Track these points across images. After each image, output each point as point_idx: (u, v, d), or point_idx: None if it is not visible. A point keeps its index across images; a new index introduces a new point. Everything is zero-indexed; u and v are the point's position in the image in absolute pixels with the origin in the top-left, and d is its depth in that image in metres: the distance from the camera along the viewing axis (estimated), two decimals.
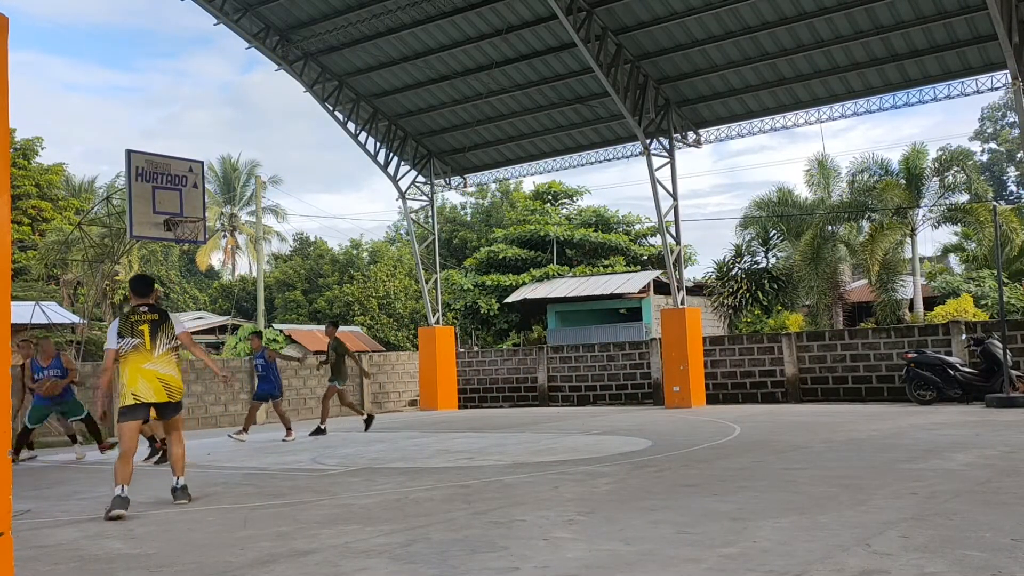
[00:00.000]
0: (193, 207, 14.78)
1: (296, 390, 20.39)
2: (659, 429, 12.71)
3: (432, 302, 22.89)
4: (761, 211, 29.70)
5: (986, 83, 16.90)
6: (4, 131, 2.31)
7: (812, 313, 28.69)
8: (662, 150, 18.96)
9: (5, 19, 2.32)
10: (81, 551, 5.36)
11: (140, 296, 7.55)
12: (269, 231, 48.68)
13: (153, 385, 7.13)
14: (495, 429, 14.28)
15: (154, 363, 7.16)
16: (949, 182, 27.60)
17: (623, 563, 4.39)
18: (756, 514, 5.52)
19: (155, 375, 7.15)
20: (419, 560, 4.65)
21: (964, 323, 17.17)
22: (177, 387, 7.30)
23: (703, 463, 8.43)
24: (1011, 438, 9.42)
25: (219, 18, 19.14)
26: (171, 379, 7.23)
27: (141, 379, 7.12)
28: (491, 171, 23.56)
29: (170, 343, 7.29)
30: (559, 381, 21.55)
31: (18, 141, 35.79)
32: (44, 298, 27.27)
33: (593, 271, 35.59)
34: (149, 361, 7.15)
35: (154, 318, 7.32)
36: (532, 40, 18.81)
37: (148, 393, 7.12)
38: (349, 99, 21.34)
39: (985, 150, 56.20)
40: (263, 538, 5.49)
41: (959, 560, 4.14)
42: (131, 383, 7.11)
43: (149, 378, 7.13)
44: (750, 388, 18.75)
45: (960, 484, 6.43)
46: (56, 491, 8.57)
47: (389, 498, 7.00)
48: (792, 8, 16.55)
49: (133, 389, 7.10)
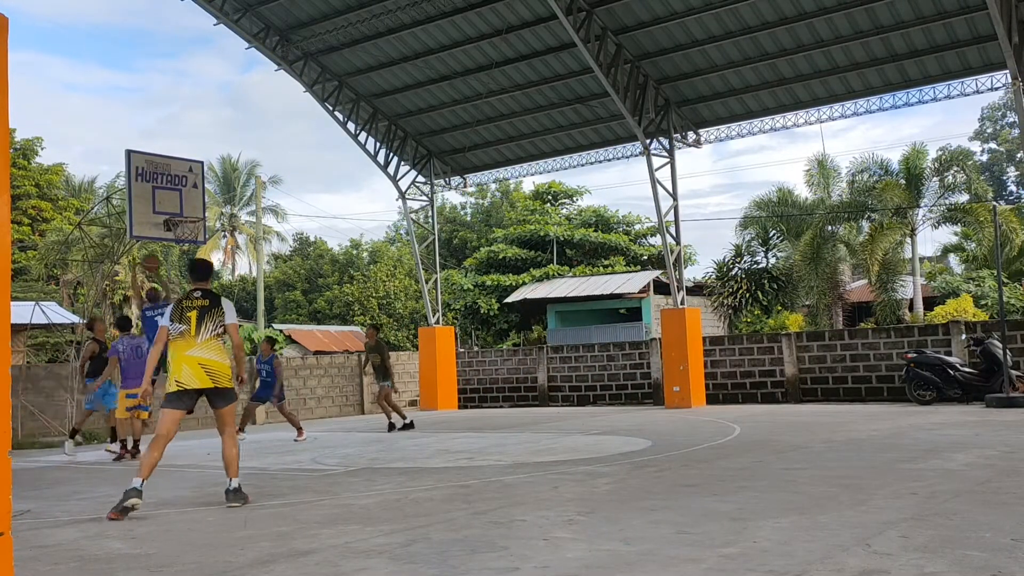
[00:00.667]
0: (193, 207, 14.78)
1: (296, 390, 20.39)
2: (659, 429, 12.71)
3: (432, 302, 22.89)
4: (761, 211, 29.70)
5: (986, 83, 16.91)
6: (4, 131, 2.31)
7: (812, 313, 28.70)
8: (662, 150, 18.96)
9: (5, 19, 2.32)
10: (81, 551, 5.36)
11: (197, 280, 7.48)
12: (269, 231, 48.70)
13: (195, 371, 7.04)
14: (495, 429, 14.28)
15: (197, 348, 7.07)
16: (949, 182, 27.61)
17: (623, 563, 4.39)
18: (756, 514, 5.52)
19: (197, 361, 7.05)
20: (419, 560, 4.65)
21: (964, 323, 17.17)
22: (222, 372, 7.12)
23: (703, 463, 8.43)
24: (1011, 438, 9.42)
25: (219, 18, 19.13)
26: (214, 364, 7.08)
27: (184, 366, 7.05)
28: (491, 171, 23.56)
29: (216, 329, 7.17)
30: (559, 381, 21.55)
31: (18, 141, 35.79)
32: (44, 298, 27.25)
33: (593, 271, 35.58)
34: (193, 347, 7.07)
35: (204, 304, 7.22)
36: (532, 40, 18.81)
37: (191, 379, 7.03)
38: (349, 99, 21.34)
39: (985, 150, 56.21)
40: (263, 538, 5.48)
41: (959, 560, 4.14)
42: (175, 370, 7.07)
43: (192, 364, 7.04)
44: (750, 388, 18.75)
45: (960, 484, 6.43)
46: (56, 491, 8.56)
47: (389, 498, 7.00)
48: (792, 8, 16.55)
49: (176, 376, 7.05)
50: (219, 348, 7.18)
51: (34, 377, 16.24)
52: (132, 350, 11.96)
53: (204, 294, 7.31)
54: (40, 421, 15.73)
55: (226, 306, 7.32)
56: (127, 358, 11.92)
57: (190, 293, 7.35)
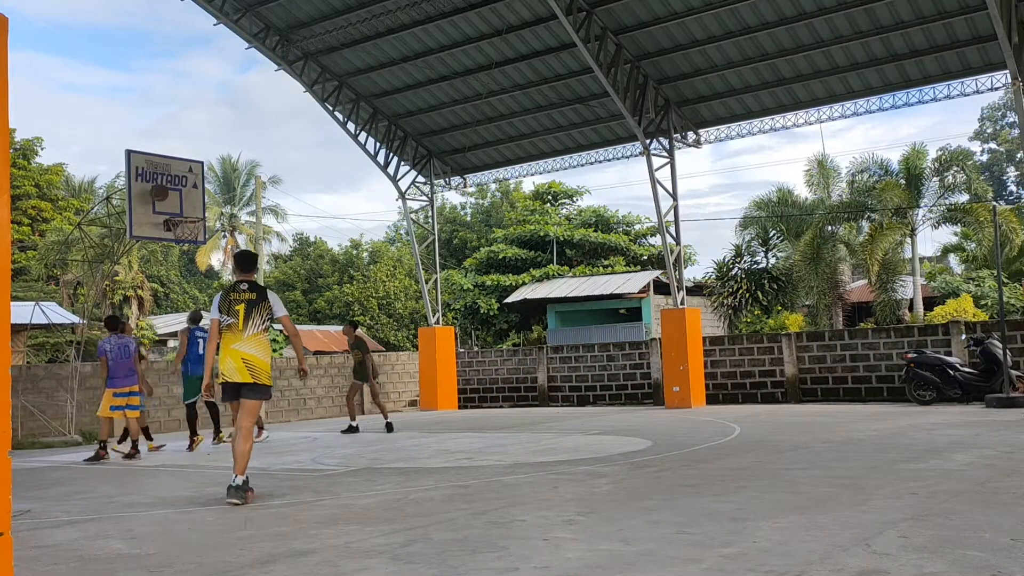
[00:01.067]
0: (193, 207, 14.78)
1: (296, 390, 20.40)
2: (659, 429, 12.71)
3: (432, 302, 22.89)
4: (761, 211, 29.70)
5: (986, 83, 16.90)
6: (4, 131, 2.31)
7: (812, 313, 28.70)
8: (662, 150, 18.96)
9: (5, 19, 2.32)
10: (81, 551, 5.36)
11: (242, 272, 7.47)
12: (269, 231, 48.61)
13: (237, 364, 7.07)
14: (495, 429, 14.28)
15: (242, 343, 7.10)
16: (949, 182, 27.61)
17: (623, 563, 4.39)
18: (756, 514, 5.52)
19: (241, 355, 7.08)
20: (419, 560, 4.65)
21: (964, 323, 17.17)
22: (261, 368, 7.12)
23: (703, 463, 8.43)
24: (1011, 438, 9.42)
25: (219, 18, 19.13)
26: (255, 359, 7.10)
27: (228, 358, 7.11)
28: (491, 171, 23.56)
29: (264, 324, 7.18)
30: (559, 381, 21.55)
31: (18, 141, 35.79)
32: (44, 298, 27.25)
33: (593, 271, 35.58)
34: (238, 341, 7.11)
35: (251, 297, 7.21)
36: (532, 40, 18.81)
37: (232, 373, 7.08)
38: (349, 99, 21.34)
39: (985, 150, 56.23)
40: (263, 538, 5.48)
41: (959, 560, 4.14)
42: (221, 362, 7.15)
43: (235, 358, 7.09)
44: (750, 388, 18.75)
45: (960, 484, 6.43)
46: (56, 491, 8.56)
47: (389, 498, 7.00)
48: (792, 8, 16.55)
49: (222, 368, 7.14)
50: (263, 344, 7.19)
51: (34, 377, 16.24)
52: (119, 349, 11.83)
53: (251, 287, 7.31)
54: (40, 421, 15.73)
55: (273, 299, 7.32)
56: (115, 357, 11.78)
57: (236, 285, 7.34)
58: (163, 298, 44.81)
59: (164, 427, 17.31)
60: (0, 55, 2.31)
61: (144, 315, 36.99)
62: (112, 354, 11.82)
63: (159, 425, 17.05)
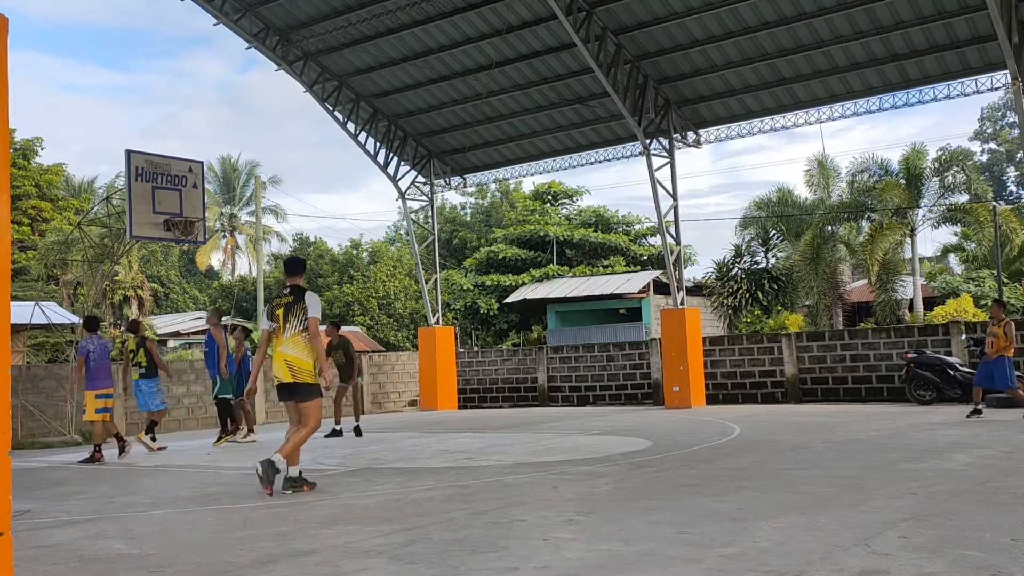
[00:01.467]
0: (193, 207, 14.78)
1: None
2: (659, 429, 12.71)
3: (432, 302, 22.89)
4: (761, 211, 29.71)
5: (986, 83, 16.91)
6: (4, 131, 2.31)
7: (812, 313, 28.70)
8: (662, 150, 18.97)
9: (5, 19, 2.32)
10: (81, 551, 5.36)
11: (288, 277, 7.70)
12: (269, 231, 48.65)
13: (281, 366, 7.35)
14: (495, 429, 14.28)
15: (284, 344, 7.37)
16: (949, 182, 27.62)
17: (623, 563, 4.39)
18: (756, 514, 5.52)
19: (283, 356, 7.35)
20: (419, 560, 4.65)
21: (964, 323, 17.18)
22: (302, 368, 7.32)
23: (703, 463, 8.43)
24: (1011, 438, 9.42)
25: (219, 18, 19.13)
26: (296, 360, 7.32)
27: (275, 361, 7.42)
28: (491, 171, 23.56)
29: (300, 325, 7.37)
30: (559, 381, 21.55)
31: (18, 141, 35.79)
32: (44, 298, 27.25)
33: (593, 271, 35.58)
34: (281, 343, 7.39)
35: (288, 300, 7.45)
36: (532, 40, 18.81)
37: (279, 373, 7.40)
38: (349, 99, 21.34)
39: (985, 150, 56.25)
40: (263, 538, 5.48)
41: (959, 560, 4.14)
42: (272, 365, 7.50)
43: (279, 359, 7.38)
44: (750, 388, 18.75)
45: (959, 484, 6.43)
46: (56, 491, 8.56)
47: (389, 498, 7.00)
48: (792, 8, 16.55)
49: (273, 371, 7.50)
50: (303, 344, 7.38)
51: (34, 377, 16.24)
52: (100, 350, 11.63)
53: (291, 291, 7.55)
54: (40, 421, 15.73)
55: (309, 300, 7.47)
56: (96, 358, 11.55)
57: (280, 291, 7.69)
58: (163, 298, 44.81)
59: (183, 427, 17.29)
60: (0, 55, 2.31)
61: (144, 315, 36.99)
62: (94, 355, 11.56)
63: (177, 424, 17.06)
